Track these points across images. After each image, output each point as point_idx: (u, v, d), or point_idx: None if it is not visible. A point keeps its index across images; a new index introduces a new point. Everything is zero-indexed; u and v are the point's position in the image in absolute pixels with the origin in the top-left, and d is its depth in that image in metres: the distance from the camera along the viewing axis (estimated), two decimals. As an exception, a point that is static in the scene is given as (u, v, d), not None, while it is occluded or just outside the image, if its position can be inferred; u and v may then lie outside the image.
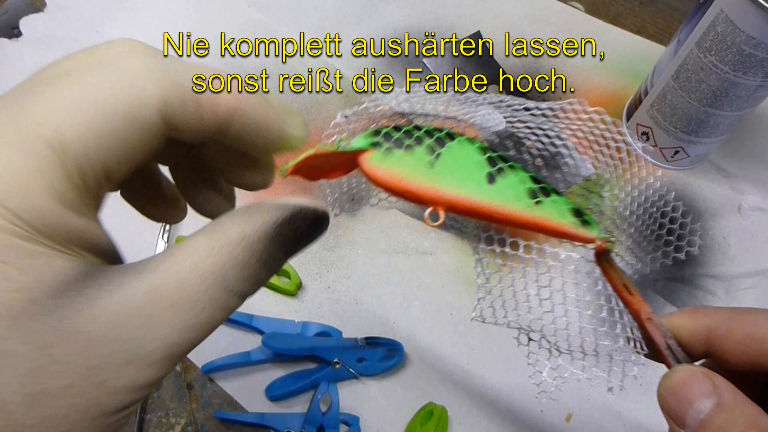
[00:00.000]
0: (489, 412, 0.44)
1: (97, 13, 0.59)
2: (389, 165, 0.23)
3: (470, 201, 0.23)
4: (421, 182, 0.23)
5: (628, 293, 0.24)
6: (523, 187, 0.23)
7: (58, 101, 0.17)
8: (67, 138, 0.17)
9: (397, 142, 0.23)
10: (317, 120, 0.55)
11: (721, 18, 0.41)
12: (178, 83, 0.19)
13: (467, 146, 0.24)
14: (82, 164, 0.17)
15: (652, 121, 0.51)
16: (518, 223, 0.23)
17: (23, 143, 0.16)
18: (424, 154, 0.23)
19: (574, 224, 0.24)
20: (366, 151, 0.23)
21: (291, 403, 0.44)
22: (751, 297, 0.49)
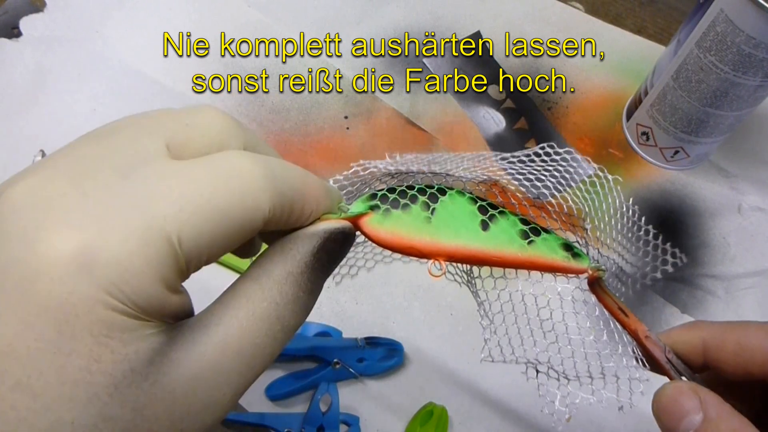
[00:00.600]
0: (489, 412, 0.44)
1: (97, 13, 0.59)
2: (389, 225, 0.25)
3: (468, 249, 0.25)
4: (421, 238, 0.25)
5: (624, 315, 0.26)
6: (515, 230, 0.25)
7: (182, 198, 0.18)
8: (185, 237, 0.18)
9: (393, 203, 0.25)
10: (317, 120, 0.55)
11: (721, 18, 0.41)
12: (281, 192, 0.21)
13: (459, 198, 0.25)
14: (192, 258, 0.19)
15: (652, 121, 0.51)
16: (514, 263, 0.25)
17: (146, 234, 0.18)
18: (420, 211, 0.25)
19: (565, 258, 0.25)
20: (365, 214, 0.24)
21: (291, 403, 0.44)
22: (751, 297, 0.49)
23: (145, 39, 0.58)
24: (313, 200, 0.22)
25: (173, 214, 0.18)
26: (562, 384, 0.28)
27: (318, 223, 0.22)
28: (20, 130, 0.53)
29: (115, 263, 0.17)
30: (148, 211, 0.18)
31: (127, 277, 0.17)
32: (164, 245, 0.18)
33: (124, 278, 0.17)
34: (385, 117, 0.55)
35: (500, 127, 0.55)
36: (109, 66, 0.56)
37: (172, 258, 0.18)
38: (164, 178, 0.19)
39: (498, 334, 0.28)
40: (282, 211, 0.21)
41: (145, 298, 0.18)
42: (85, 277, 0.17)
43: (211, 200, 0.19)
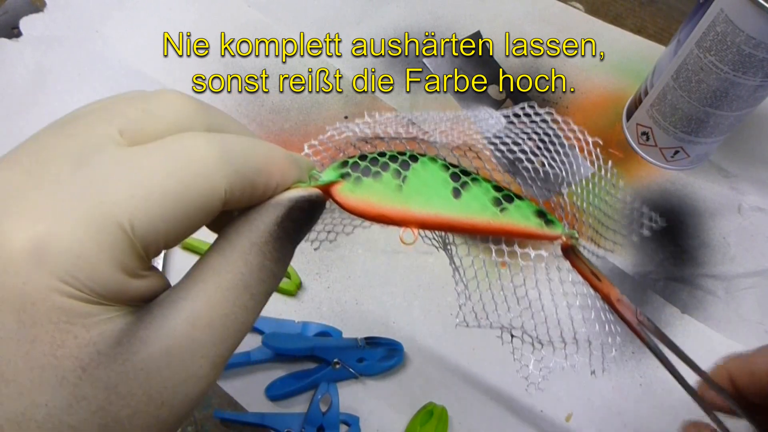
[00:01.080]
0: (489, 412, 0.44)
1: (96, 13, 0.59)
2: (360, 193, 0.24)
3: (440, 217, 0.24)
4: (392, 206, 0.24)
5: (597, 280, 0.26)
6: (487, 198, 0.25)
7: (132, 183, 0.18)
8: (138, 222, 0.18)
9: (364, 171, 0.25)
10: (317, 120, 0.55)
11: (721, 18, 0.41)
12: (240, 172, 0.21)
13: (431, 165, 0.25)
14: (148, 242, 0.19)
15: (652, 121, 0.51)
16: (487, 231, 0.25)
17: (97, 222, 0.18)
18: (391, 179, 0.25)
19: (538, 225, 0.25)
20: (337, 182, 0.24)
21: (291, 403, 0.44)
22: (751, 297, 0.49)
23: (145, 39, 0.58)
24: (277, 174, 0.22)
25: (124, 201, 0.18)
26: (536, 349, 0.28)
27: (284, 193, 0.22)
28: (20, 130, 0.53)
29: (67, 252, 0.18)
30: (98, 198, 0.18)
31: (80, 264, 0.18)
32: (116, 231, 0.18)
33: (77, 266, 0.18)
34: (385, 117, 0.55)
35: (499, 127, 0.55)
36: (109, 66, 0.56)
37: (126, 244, 0.18)
38: (115, 165, 0.19)
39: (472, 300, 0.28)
40: (242, 190, 0.21)
41: (102, 284, 0.18)
42: (38, 267, 0.17)
43: (162, 184, 0.19)
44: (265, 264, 0.21)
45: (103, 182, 0.18)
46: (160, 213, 0.19)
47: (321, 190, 0.24)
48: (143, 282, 0.20)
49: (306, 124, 0.54)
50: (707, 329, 0.47)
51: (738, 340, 0.47)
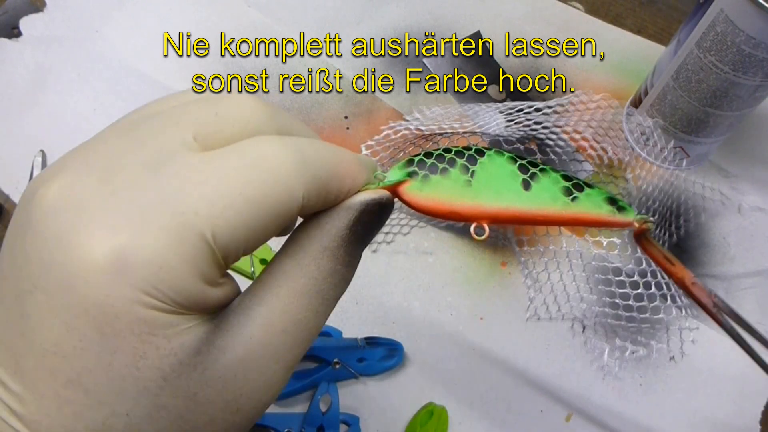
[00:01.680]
0: (489, 412, 0.44)
1: (97, 13, 0.59)
2: (429, 191, 0.24)
3: (511, 211, 0.24)
4: (462, 202, 0.24)
5: (670, 264, 0.25)
6: (557, 188, 0.24)
7: (213, 192, 0.18)
8: (220, 232, 0.18)
9: (431, 168, 0.24)
10: (317, 120, 0.55)
11: (721, 18, 0.41)
12: (316, 177, 0.20)
13: (498, 159, 0.25)
14: (228, 251, 0.19)
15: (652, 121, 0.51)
16: (559, 221, 0.25)
17: (178, 232, 0.18)
18: (459, 175, 0.24)
19: (611, 212, 0.25)
20: (404, 182, 0.24)
21: (291, 402, 0.44)
22: (751, 297, 0.49)
23: (145, 39, 0.58)
24: (349, 178, 0.22)
25: (205, 210, 0.18)
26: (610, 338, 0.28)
27: (355, 196, 0.22)
28: (20, 130, 0.53)
29: (150, 264, 0.17)
30: (179, 208, 0.18)
31: (163, 276, 0.17)
32: (198, 242, 0.18)
33: (160, 278, 0.17)
34: (385, 117, 0.55)
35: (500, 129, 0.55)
36: (109, 66, 0.56)
37: (207, 253, 0.18)
38: (193, 172, 0.18)
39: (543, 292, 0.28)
40: (318, 196, 0.20)
41: (185, 295, 0.18)
42: (121, 280, 0.17)
43: (242, 193, 0.18)
44: (337, 268, 0.21)
45: (181, 190, 0.18)
46: (241, 221, 0.18)
47: (389, 190, 0.24)
48: (221, 290, 0.19)
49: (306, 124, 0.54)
50: (707, 329, 0.47)
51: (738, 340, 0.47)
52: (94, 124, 0.53)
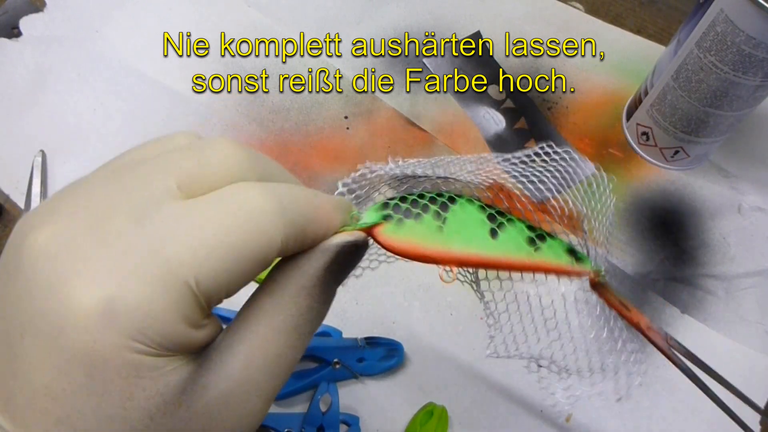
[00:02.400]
0: (489, 412, 0.44)
1: (97, 13, 0.59)
2: (403, 235, 0.25)
3: (478, 257, 0.26)
4: (433, 247, 0.25)
5: (626, 310, 0.27)
6: (522, 238, 0.26)
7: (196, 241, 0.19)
8: (203, 278, 0.19)
9: (406, 213, 0.26)
10: (317, 120, 0.55)
11: (721, 18, 0.41)
12: (295, 222, 0.21)
13: (468, 207, 0.26)
14: (211, 296, 0.20)
15: (652, 121, 0.51)
16: (522, 269, 0.26)
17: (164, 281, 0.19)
18: (432, 221, 0.26)
19: (569, 263, 0.27)
20: (379, 225, 0.25)
21: (291, 402, 0.44)
22: (751, 297, 0.49)
23: (145, 39, 0.58)
24: (324, 221, 0.23)
25: (189, 259, 0.19)
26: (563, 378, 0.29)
27: (331, 238, 0.23)
28: (20, 130, 0.53)
29: (136, 311, 0.18)
30: (164, 257, 0.19)
31: (149, 323, 0.18)
32: (182, 288, 0.19)
33: (146, 324, 0.18)
34: (385, 117, 0.55)
35: (500, 127, 0.55)
36: (109, 66, 0.56)
37: (191, 299, 0.19)
38: (177, 222, 0.19)
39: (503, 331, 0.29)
40: (296, 240, 0.22)
41: (170, 339, 0.19)
42: (109, 326, 0.18)
43: (224, 240, 0.19)
44: (313, 306, 0.22)
45: (166, 239, 0.19)
46: (223, 268, 0.19)
47: (364, 232, 0.25)
48: (205, 331, 0.20)
49: (306, 124, 0.54)
50: (707, 329, 0.47)
51: (738, 340, 0.47)
52: (94, 124, 0.53)
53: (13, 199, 0.51)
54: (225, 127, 0.54)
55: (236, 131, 0.54)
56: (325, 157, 0.53)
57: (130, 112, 0.54)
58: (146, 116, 0.54)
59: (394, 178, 0.28)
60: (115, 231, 0.19)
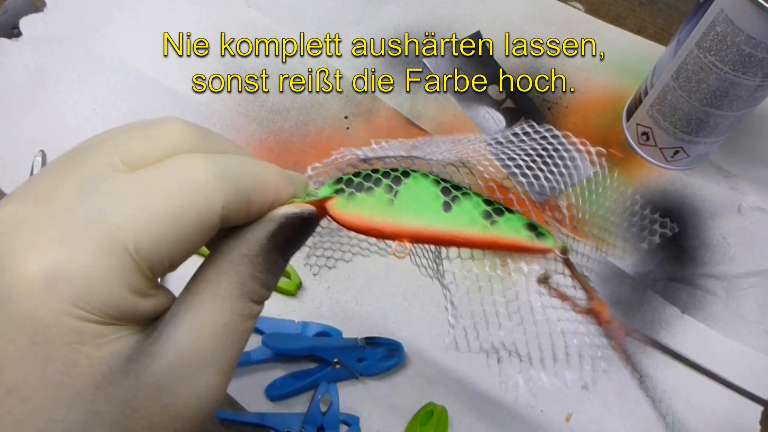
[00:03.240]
0: (489, 412, 0.44)
1: (97, 13, 0.59)
2: (353, 208, 0.25)
3: (430, 230, 0.25)
4: (383, 219, 0.25)
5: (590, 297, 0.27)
6: (477, 211, 0.25)
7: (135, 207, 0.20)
8: (143, 244, 0.19)
9: (357, 186, 0.25)
10: (317, 120, 0.55)
11: (721, 18, 0.41)
12: (236, 188, 0.22)
13: (422, 181, 0.26)
14: (153, 262, 0.20)
15: (652, 121, 0.51)
16: (477, 243, 0.25)
17: (105, 246, 0.19)
18: (383, 194, 0.25)
19: (529, 238, 0.25)
20: (330, 198, 0.25)
21: (291, 403, 0.44)
22: (751, 297, 0.49)
23: (145, 39, 0.58)
24: (271, 190, 0.23)
25: (127, 225, 0.19)
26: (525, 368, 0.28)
27: (277, 209, 0.23)
28: (20, 130, 0.53)
29: (78, 278, 0.19)
30: (103, 224, 0.19)
31: (90, 288, 0.19)
32: (122, 254, 0.19)
33: (87, 290, 0.19)
34: (385, 117, 0.55)
35: (500, 127, 0.55)
36: (109, 66, 0.56)
37: (132, 266, 0.19)
38: (117, 191, 0.20)
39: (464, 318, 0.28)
40: (239, 207, 0.22)
41: (113, 306, 0.19)
42: (50, 293, 0.18)
43: (162, 206, 0.20)
44: (256, 275, 0.22)
45: (106, 208, 0.19)
46: (163, 233, 0.20)
47: (316, 206, 0.25)
48: (151, 301, 0.21)
49: (306, 124, 0.54)
50: (707, 329, 0.47)
51: (738, 340, 0.47)
52: (94, 124, 0.53)
53: (13, 199, 0.51)
54: (225, 127, 0.54)
55: (236, 131, 0.54)
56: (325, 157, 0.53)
57: (130, 112, 0.54)
58: (146, 116, 0.54)
59: (362, 160, 0.27)
60: (60, 203, 0.20)
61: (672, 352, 0.26)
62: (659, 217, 0.26)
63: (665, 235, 0.27)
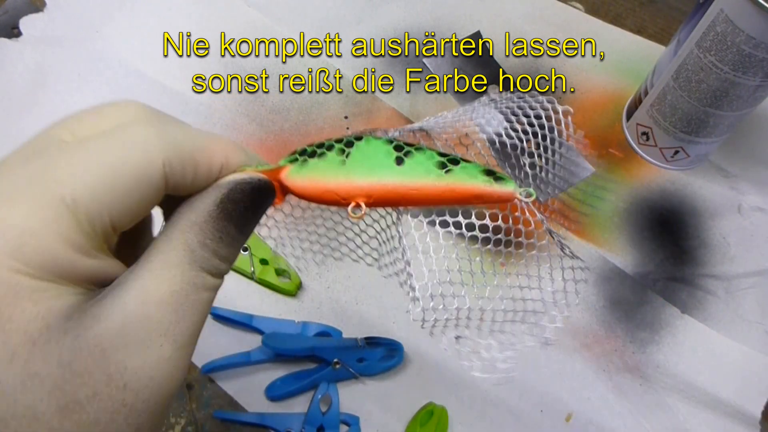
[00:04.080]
0: (489, 412, 0.44)
1: (97, 13, 0.59)
2: (306, 173, 0.25)
3: (383, 185, 0.25)
4: (335, 179, 0.25)
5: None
6: (431, 162, 0.25)
7: (74, 163, 0.20)
8: (80, 195, 0.19)
9: (311, 154, 0.25)
10: (317, 120, 0.55)
11: (721, 18, 0.41)
12: (178, 146, 0.21)
13: (374, 141, 0.26)
14: (93, 216, 0.19)
15: (652, 121, 0.51)
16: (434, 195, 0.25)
17: (41, 199, 0.19)
18: (335, 156, 0.25)
19: (487, 182, 0.24)
20: (283, 168, 0.25)
21: (291, 403, 0.44)
22: (751, 297, 0.49)
23: (145, 39, 0.58)
24: (219, 154, 0.23)
25: (66, 178, 0.19)
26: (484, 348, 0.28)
27: (227, 177, 0.23)
28: (20, 130, 0.53)
29: (13, 229, 0.18)
30: (42, 180, 0.19)
31: (26, 240, 0.18)
32: (59, 206, 0.19)
33: (23, 241, 0.18)
34: (385, 117, 0.55)
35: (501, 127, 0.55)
36: (109, 66, 0.56)
37: (71, 218, 0.19)
38: (60, 153, 0.20)
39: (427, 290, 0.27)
40: (183, 166, 0.21)
41: (50, 260, 0.19)
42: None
43: (100, 160, 0.20)
44: (206, 242, 0.21)
45: (46, 166, 0.20)
46: (101, 186, 0.19)
47: (269, 176, 0.24)
48: (95, 262, 0.20)
49: (306, 124, 0.54)
50: (707, 329, 0.47)
51: (738, 340, 0.47)
52: (94, 124, 0.53)
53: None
54: (225, 126, 0.54)
55: (236, 131, 0.54)
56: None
57: (130, 112, 0.54)
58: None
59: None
60: (4, 170, 0.20)
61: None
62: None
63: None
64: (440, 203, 0.25)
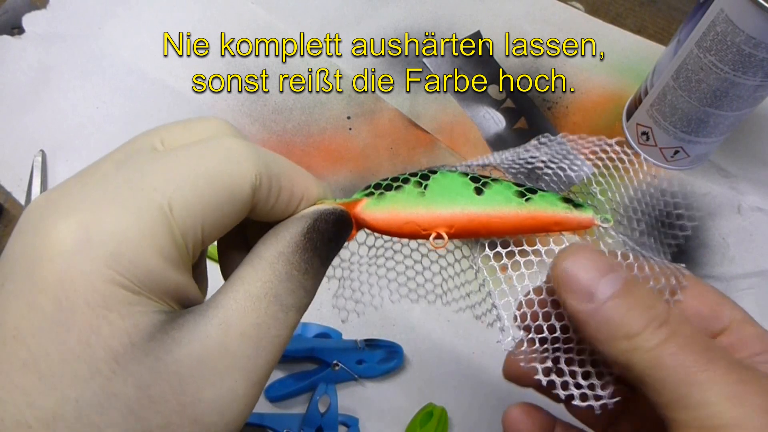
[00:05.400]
0: (489, 413, 0.44)
1: (98, 11, 0.59)
2: (384, 205, 0.25)
3: (466, 214, 0.25)
4: (416, 211, 0.25)
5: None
6: (510, 192, 0.25)
7: (171, 171, 0.19)
8: (176, 204, 0.19)
9: (386, 187, 0.25)
10: (320, 120, 0.55)
11: (721, 18, 0.41)
12: (268, 166, 0.22)
13: (449, 174, 0.26)
14: (186, 228, 0.19)
15: (652, 121, 0.51)
16: (516, 223, 0.25)
17: (138, 205, 0.19)
18: (413, 189, 0.25)
19: (567, 209, 0.25)
20: (360, 201, 0.25)
21: (290, 404, 0.44)
22: (751, 297, 0.49)
23: (146, 38, 0.58)
24: (301, 183, 0.23)
25: (162, 185, 0.19)
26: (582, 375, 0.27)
27: (310, 207, 0.23)
28: (23, 128, 0.53)
29: (111, 235, 0.18)
30: (138, 186, 0.19)
31: (123, 247, 0.18)
32: (156, 213, 0.19)
33: (120, 249, 0.18)
34: (387, 118, 0.55)
35: (500, 127, 0.55)
36: (111, 64, 0.56)
37: (165, 226, 0.19)
38: (154, 160, 0.20)
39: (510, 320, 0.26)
40: (270, 187, 0.21)
41: (145, 272, 0.18)
42: (82, 252, 0.18)
43: (196, 168, 0.20)
44: (292, 274, 0.21)
45: (142, 173, 0.19)
46: (195, 194, 0.19)
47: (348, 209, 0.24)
48: (182, 279, 0.20)
49: (308, 125, 0.54)
50: (707, 329, 0.47)
51: (738, 341, 0.47)
52: (96, 122, 0.53)
53: (15, 197, 0.51)
54: (225, 127, 0.54)
55: (236, 131, 0.54)
56: (328, 157, 0.53)
57: (133, 111, 0.54)
58: (147, 115, 0.54)
59: None
60: (97, 177, 0.20)
61: None
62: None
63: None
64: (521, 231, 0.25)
